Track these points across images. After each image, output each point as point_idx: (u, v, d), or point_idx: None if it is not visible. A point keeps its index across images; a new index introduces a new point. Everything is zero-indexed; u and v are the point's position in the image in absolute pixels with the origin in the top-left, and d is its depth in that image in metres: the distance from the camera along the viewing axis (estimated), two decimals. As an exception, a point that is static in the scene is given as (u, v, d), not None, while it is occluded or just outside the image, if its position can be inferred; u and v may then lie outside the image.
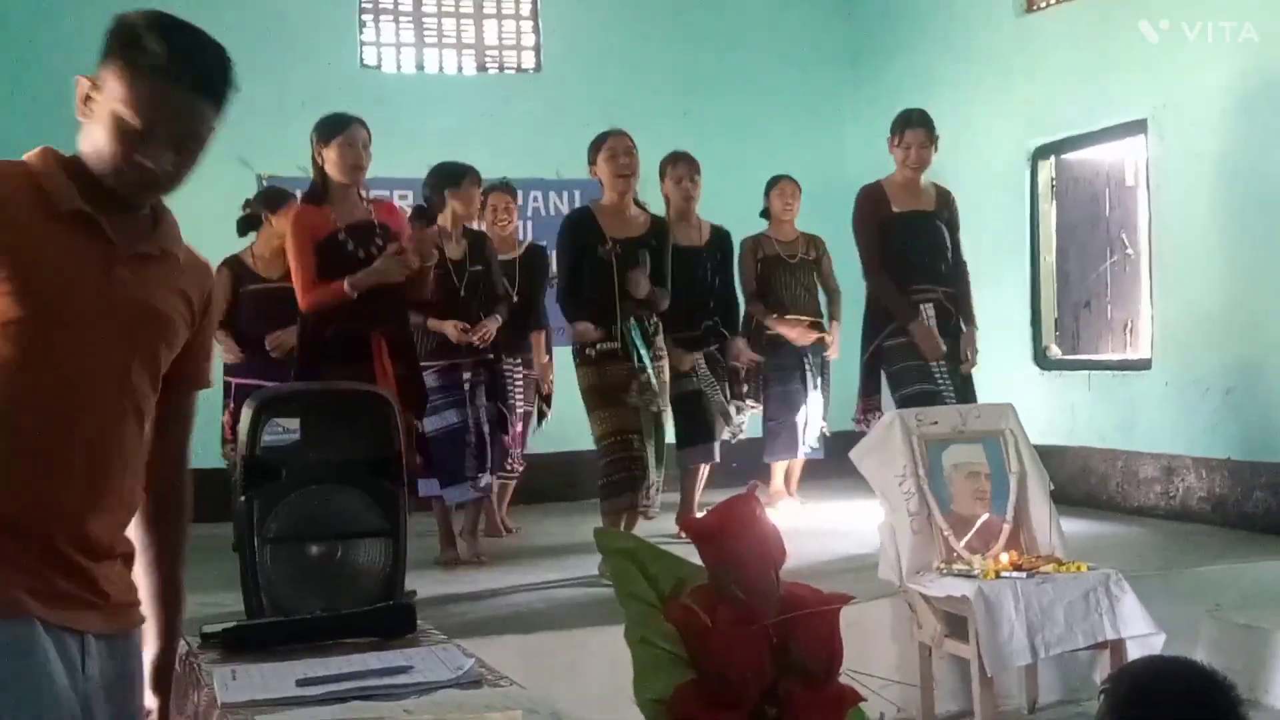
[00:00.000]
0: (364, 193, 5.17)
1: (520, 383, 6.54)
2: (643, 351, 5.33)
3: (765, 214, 7.25)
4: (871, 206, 5.85)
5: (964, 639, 4.27)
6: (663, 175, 6.43)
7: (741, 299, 6.81)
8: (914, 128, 5.82)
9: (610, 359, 5.35)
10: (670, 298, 5.59)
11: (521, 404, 6.54)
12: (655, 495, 5.44)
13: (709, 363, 6.26)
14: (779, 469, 7.35)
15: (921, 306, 5.72)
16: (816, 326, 7.16)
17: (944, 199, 5.91)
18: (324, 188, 5.02)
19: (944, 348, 5.71)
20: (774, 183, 7.26)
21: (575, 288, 5.49)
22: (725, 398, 6.33)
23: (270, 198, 6.45)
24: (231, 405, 6.27)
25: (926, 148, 5.80)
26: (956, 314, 5.82)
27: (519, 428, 6.52)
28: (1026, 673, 4.61)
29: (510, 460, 6.42)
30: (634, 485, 5.31)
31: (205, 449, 7.15)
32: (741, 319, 6.81)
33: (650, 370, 5.33)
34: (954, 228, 5.90)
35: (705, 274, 6.30)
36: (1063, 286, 7.65)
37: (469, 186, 5.88)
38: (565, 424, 6.74)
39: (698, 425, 6.22)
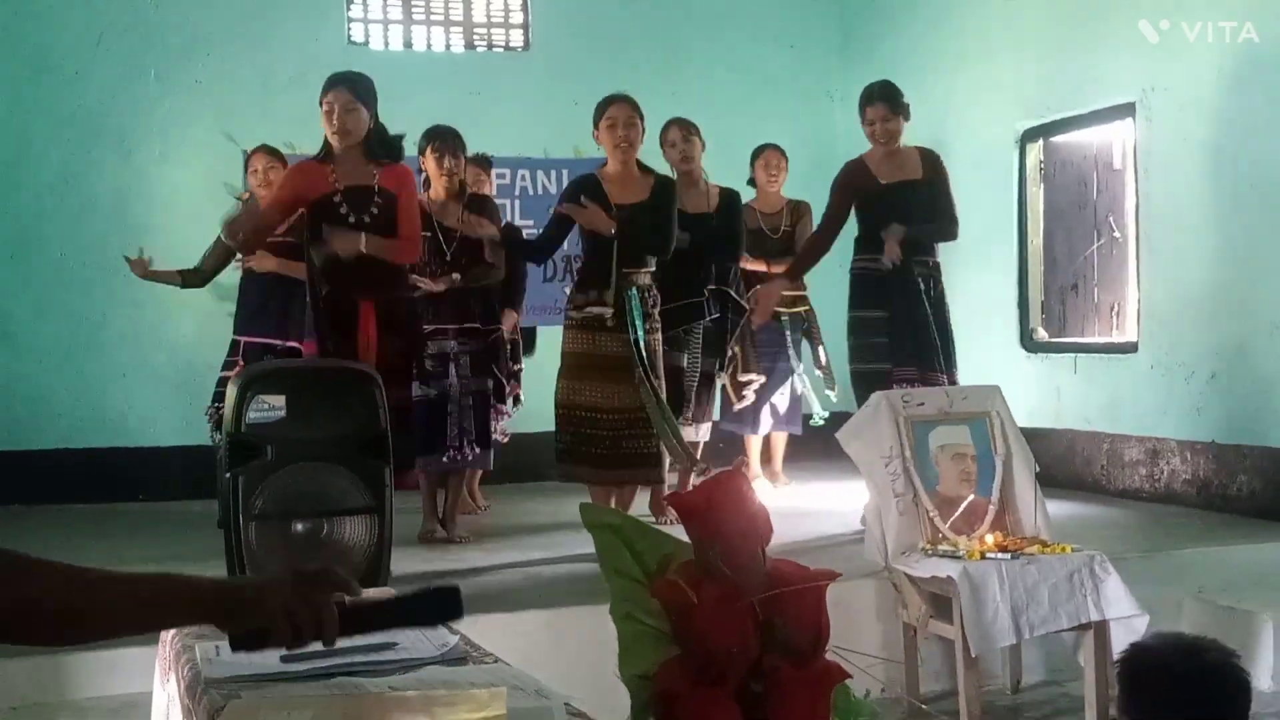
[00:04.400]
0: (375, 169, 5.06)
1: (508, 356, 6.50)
2: (639, 324, 5.34)
3: (751, 183, 7.23)
4: (852, 181, 5.82)
5: (949, 619, 4.28)
6: (662, 144, 6.37)
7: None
8: (874, 103, 5.76)
9: (601, 327, 5.34)
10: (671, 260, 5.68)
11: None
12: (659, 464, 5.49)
13: (703, 336, 6.19)
14: (754, 448, 7.34)
15: (917, 280, 5.69)
16: (800, 300, 7.16)
17: (930, 163, 5.83)
18: (327, 149, 5.02)
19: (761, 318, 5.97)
20: (759, 152, 7.24)
21: (544, 243, 5.68)
22: (714, 371, 6.31)
23: None
24: (241, 364, 6.25)
25: (890, 120, 5.72)
26: (941, 283, 5.77)
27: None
28: (1010, 653, 4.63)
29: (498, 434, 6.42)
30: (587, 460, 5.37)
31: (191, 426, 7.17)
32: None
33: (643, 344, 5.34)
34: (943, 190, 5.81)
35: (711, 239, 6.20)
36: (1050, 269, 7.66)
37: (432, 152, 5.82)
38: (549, 402, 6.72)
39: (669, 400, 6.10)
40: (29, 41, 7.79)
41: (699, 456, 6.34)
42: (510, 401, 6.69)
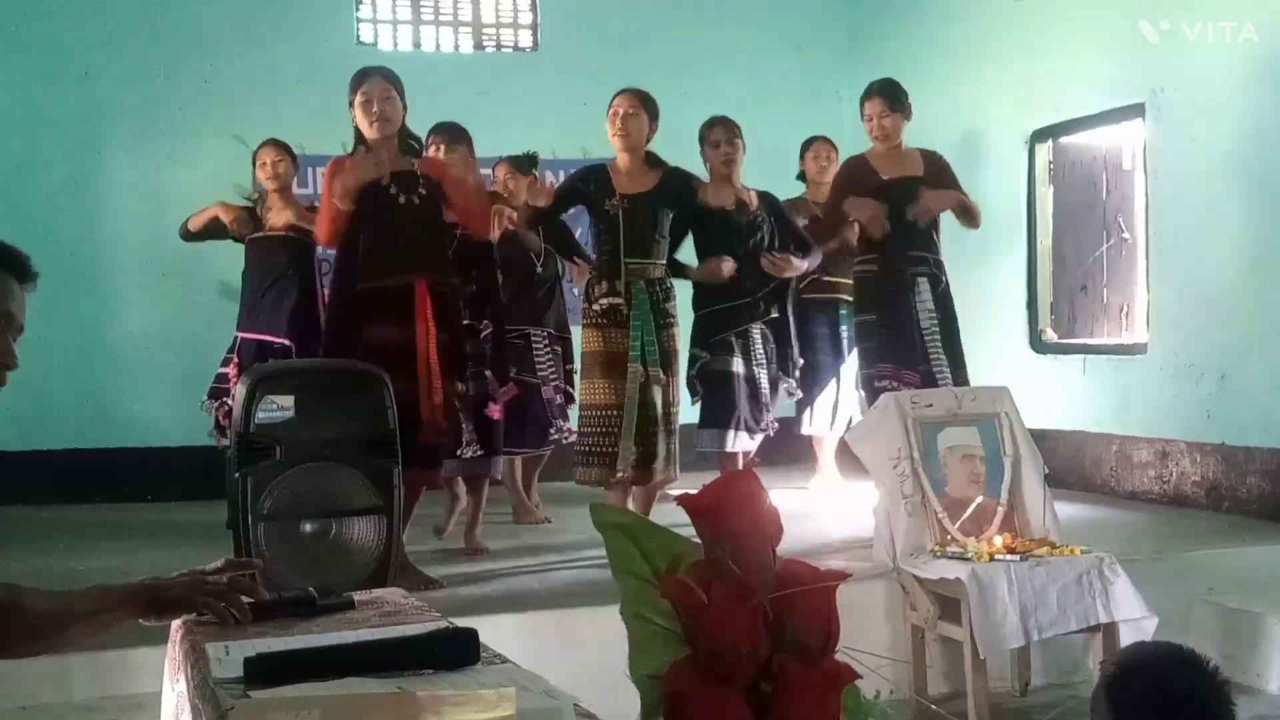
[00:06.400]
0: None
1: (547, 354, 6.39)
2: (648, 319, 5.29)
3: (801, 177, 7.15)
4: (851, 177, 5.84)
5: (957, 621, 4.28)
6: (702, 141, 6.13)
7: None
8: (872, 98, 5.75)
9: (612, 322, 5.32)
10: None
11: (555, 378, 6.42)
12: (666, 465, 5.34)
13: (762, 340, 5.98)
14: (819, 448, 7.10)
15: (917, 280, 5.66)
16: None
17: (932, 163, 5.80)
18: (360, 143, 5.00)
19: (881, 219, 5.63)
20: (808, 144, 7.11)
21: (546, 213, 5.65)
22: (772, 378, 6.05)
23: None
24: (236, 360, 6.27)
25: (888, 116, 5.70)
26: (945, 283, 5.71)
27: (559, 400, 6.42)
28: (1019, 655, 4.63)
29: (556, 432, 6.39)
30: (609, 461, 5.27)
31: (199, 427, 7.18)
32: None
33: (644, 341, 5.29)
34: (952, 184, 5.79)
35: (760, 238, 6.00)
36: (1059, 270, 7.65)
37: (432, 144, 5.77)
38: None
39: (716, 408, 5.85)
40: (38, 41, 7.80)
41: (740, 465, 6.25)
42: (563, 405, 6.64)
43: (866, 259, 5.82)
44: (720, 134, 6.10)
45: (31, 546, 6.10)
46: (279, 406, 4.21)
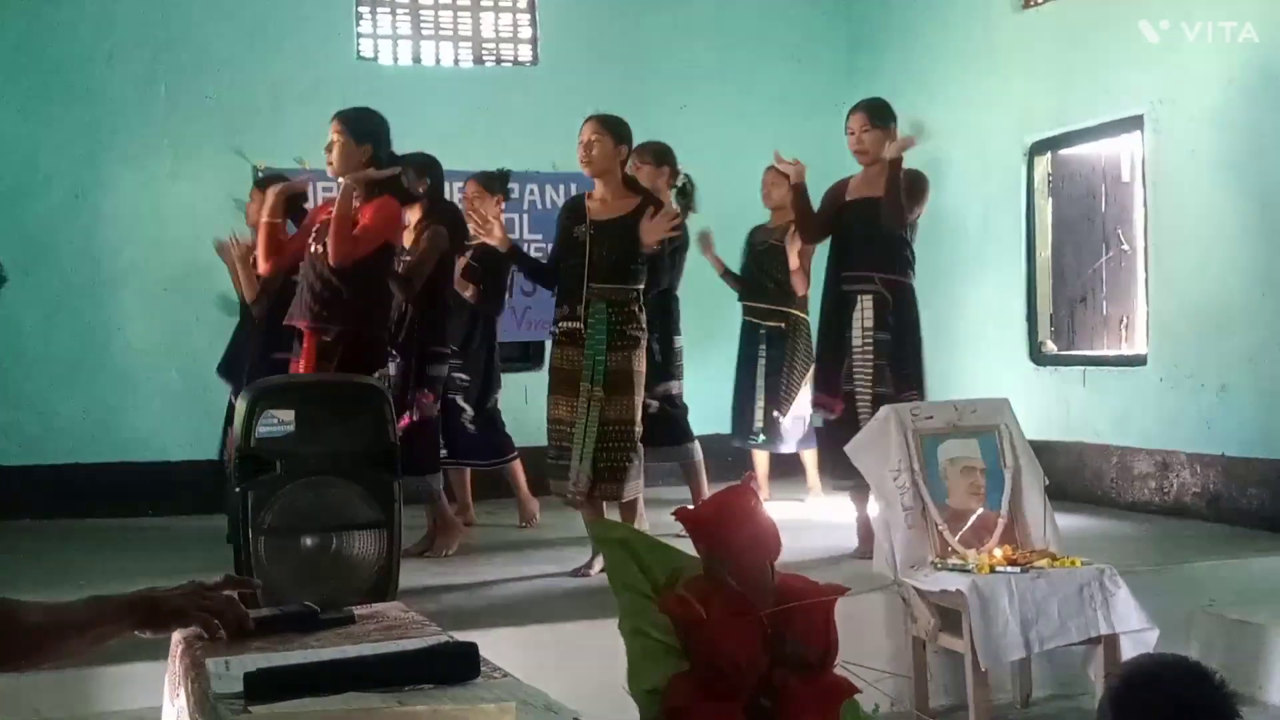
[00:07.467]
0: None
1: (461, 377, 6.45)
2: (601, 340, 5.28)
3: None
4: (829, 199, 5.90)
5: (958, 633, 4.27)
6: None
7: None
8: (856, 113, 5.76)
9: (570, 342, 5.35)
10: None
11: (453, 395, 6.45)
12: (617, 481, 5.31)
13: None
14: (812, 466, 7.28)
15: (859, 299, 5.61)
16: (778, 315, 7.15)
17: (905, 182, 5.58)
18: None
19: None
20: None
21: (553, 268, 5.60)
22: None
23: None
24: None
25: (869, 131, 5.66)
26: (896, 304, 5.59)
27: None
28: (1020, 667, 4.62)
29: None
30: (562, 474, 5.32)
31: (199, 439, 7.20)
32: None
33: (598, 361, 5.28)
34: (903, 207, 5.56)
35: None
36: (1058, 282, 7.65)
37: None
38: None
39: (649, 429, 5.75)
40: (40, 59, 7.82)
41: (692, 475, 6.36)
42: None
43: (829, 276, 5.85)
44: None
45: (32, 560, 6.09)
46: (279, 421, 4.22)
